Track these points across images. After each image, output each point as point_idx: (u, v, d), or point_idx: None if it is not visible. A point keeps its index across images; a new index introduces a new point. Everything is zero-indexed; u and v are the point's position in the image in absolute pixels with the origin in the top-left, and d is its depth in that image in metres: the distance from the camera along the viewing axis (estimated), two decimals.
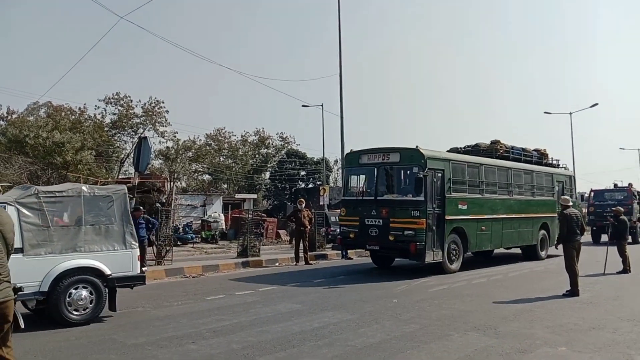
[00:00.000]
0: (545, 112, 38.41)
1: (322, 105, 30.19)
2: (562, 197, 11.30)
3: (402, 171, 12.53)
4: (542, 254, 16.30)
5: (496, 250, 16.01)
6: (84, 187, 7.54)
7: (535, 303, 8.59)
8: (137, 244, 7.92)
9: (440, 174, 12.20)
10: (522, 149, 16.67)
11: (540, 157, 17.52)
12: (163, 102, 32.51)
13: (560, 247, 10.42)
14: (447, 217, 12.08)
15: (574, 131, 38.02)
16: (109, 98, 32.03)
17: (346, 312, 7.78)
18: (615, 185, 26.64)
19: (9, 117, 32.52)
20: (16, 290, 3.83)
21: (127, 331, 6.64)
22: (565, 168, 18.77)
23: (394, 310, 7.91)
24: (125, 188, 8.04)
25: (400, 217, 11.66)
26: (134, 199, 13.36)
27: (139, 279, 7.86)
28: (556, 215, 15.75)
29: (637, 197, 24.87)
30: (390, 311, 7.87)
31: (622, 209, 14.68)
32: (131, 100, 32.24)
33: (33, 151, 23.44)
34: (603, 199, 25.23)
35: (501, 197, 14.54)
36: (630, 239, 17.46)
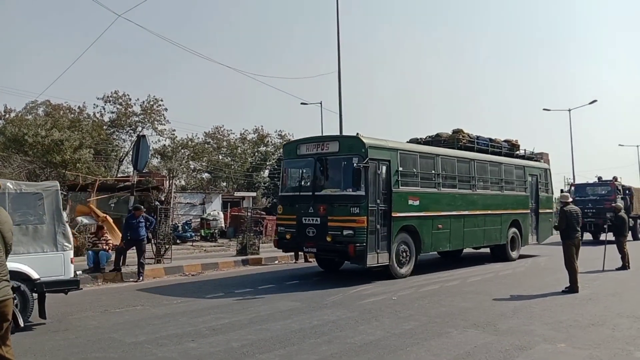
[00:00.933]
0: (544, 109, 38.59)
1: (320, 103, 30.23)
2: (562, 193, 11.26)
3: (341, 162, 10.86)
4: (513, 254, 14.96)
5: (469, 250, 15.31)
6: (9, 184, 7.00)
7: (534, 300, 8.60)
8: (71, 246, 7.28)
9: (385, 166, 10.87)
10: (490, 139, 15.35)
11: (512, 148, 16.21)
12: (162, 100, 32.52)
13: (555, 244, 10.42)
14: (394, 214, 10.80)
15: (573, 128, 38.05)
16: (108, 96, 32.02)
17: (345, 310, 7.78)
18: (599, 178, 24.64)
19: (7, 115, 32.51)
20: (15, 289, 3.83)
21: (127, 330, 6.63)
22: (540, 160, 17.28)
23: (393, 308, 7.91)
24: (58, 184, 7.46)
25: (338, 214, 10.38)
26: (134, 197, 13.35)
27: (73, 284, 7.21)
28: (529, 211, 15.51)
29: (622, 191, 23.31)
30: (389, 308, 7.87)
31: (620, 205, 14.70)
32: (130, 99, 32.25)
33: (32, 150, 23.42)
34: (585, 194, 23.41)
35: (462, 191, 13.28)
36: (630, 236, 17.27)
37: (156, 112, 32.37)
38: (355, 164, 10.25)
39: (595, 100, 36.47)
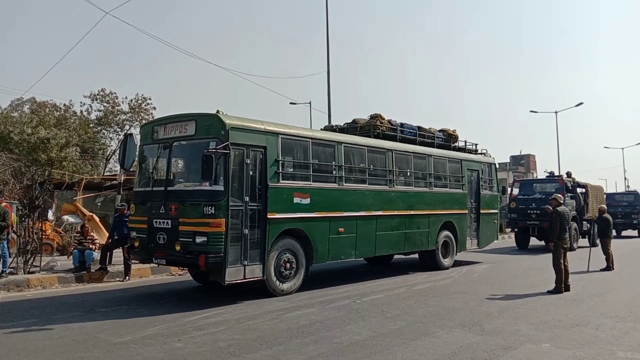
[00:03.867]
0: (531, 111, 39.00)
1: (309, 103, 30.16)
2: (555, 194, 10.88)
3: (197, 148, 8.33)
4: (445, 262, 12.85)
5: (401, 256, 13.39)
6: None
7: (519, 300, 8.68)
8: None
9: (259, 154, 8.65)
10: (419, 127, 13.22)
11: (447, 139, 13.88)
12: (150, 99, 32.27)
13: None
14: (271, 216, 8.58)
15: (559, 130, 38.50)
16: (94, 95, 31.72)
17: (333, 310, 7.80)
18: (552, 173, 21.81)
19: None
20: None
21: (112, 329, 6.57)
22: (484, 154, 15.17)
23: (380, 307, 7.94)
24: None
25: (190, 216, 8.16)
26: (121, 196, 13.25)
27: None
28: (467, 212, 13.57)
29: (572, 189, 20.15)
30: (376, 308, 7.90)
31: (604, 207, 14.80)
32: (117, 97, 31.97)
33: (17, 147, 23.16)
34: (530, 192, 20.26)
35: (375, 188, 11.02)
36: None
37: (144, 110, 32.13)
38: (207, 151, 7.96)
39: (581, 103, 37.00)
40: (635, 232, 29.27)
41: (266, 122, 9.13)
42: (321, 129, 12.32)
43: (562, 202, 10.25)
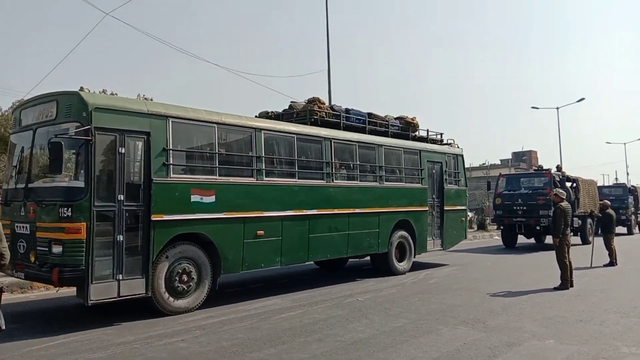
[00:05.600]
0: (533, 107, 38.90)
1: None
2: (558, 190, 10.79)
3: (56, 135, 6.59)
4: (401, 265, 11.37)
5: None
6: None
7: (523, 296, 8.66)
8: None
9: (141, 142, 7.09)
10: (369, 114, 11.56)
11: (406, 128, 12.40)
12: (151, 100, 32.31)
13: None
14: (156, 218, 7.02)
15: (561, 126, 38.45)
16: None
17: (336, 308, 7.80)
18: (540, 167, 20.71)
19: None
20: (1, 290, 3.78)
21: (115, 329, 6.58)
22: (451, 144, 13.69)
23: (383, 305, 7.94)
24: None
25: (47, 219, 6.66)
26: None
27: None
28: (427, 209, 12.06)
29: (560, 184, 18.31)
30: (379, 306, 7.89)
31: (608, 202, 14.76)
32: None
33: None
34: (517, 187, 18.98)
35: (307, 182, 9.41)
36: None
37: None
38: (56, 136, 6.43)
39: (583, 99, 36.82)
40: (624, 229, 25.71)
41: (151, 103, 7.87)
42: (255, 116, 10.39)
43: (564, 197, 10.23)
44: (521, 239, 19.77)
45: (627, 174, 57.37)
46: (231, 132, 8.51)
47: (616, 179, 55.13)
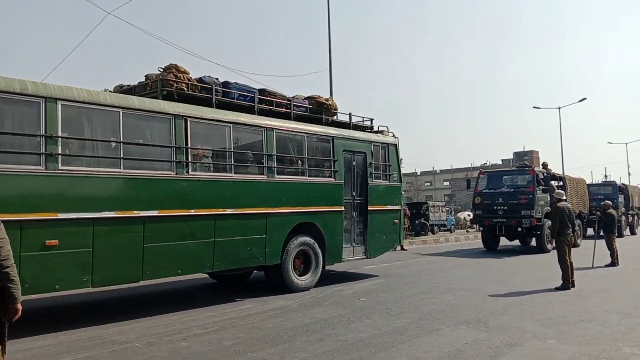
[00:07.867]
0: (534, 107, 38.86)
1: None
2: (557, 190, 10.74)
3: None
4: (301, 280, 9.27)
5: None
6: None
7: (525, 296, 8.65)
8: None
9: None
10: (263, 90, 9.52)
11: (318, 110, 10.14)
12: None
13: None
14: None
15: (562, 126, 38.46)
16: None
17: (337, 308, 7.79)
18: (524, 164, 19.55)
19: None
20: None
21: (117, 328, 6.58)
22: (383, 132, 11.53)
23: (384, 305, 7.93)
24: None
25: None
26: None
27: None
28: (342, 209, 9.88)
29: (544, 182, 17.38)
30: (381, 306, 7.89)
31: (610, 203, 14.76)
32: None
33: None
34: (498, 185, 17.63)
35: (142, 174, 7.10)
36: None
37: None
38: None
39: (584, 98, 36.82)
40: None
41: None
42: (110, 91, 8.29)
43: (563, 197, 10.23)
44: (503, 241, 18.67)
45: (629, 174, 57.22)
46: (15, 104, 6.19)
47: (605, 176, 54.59)
